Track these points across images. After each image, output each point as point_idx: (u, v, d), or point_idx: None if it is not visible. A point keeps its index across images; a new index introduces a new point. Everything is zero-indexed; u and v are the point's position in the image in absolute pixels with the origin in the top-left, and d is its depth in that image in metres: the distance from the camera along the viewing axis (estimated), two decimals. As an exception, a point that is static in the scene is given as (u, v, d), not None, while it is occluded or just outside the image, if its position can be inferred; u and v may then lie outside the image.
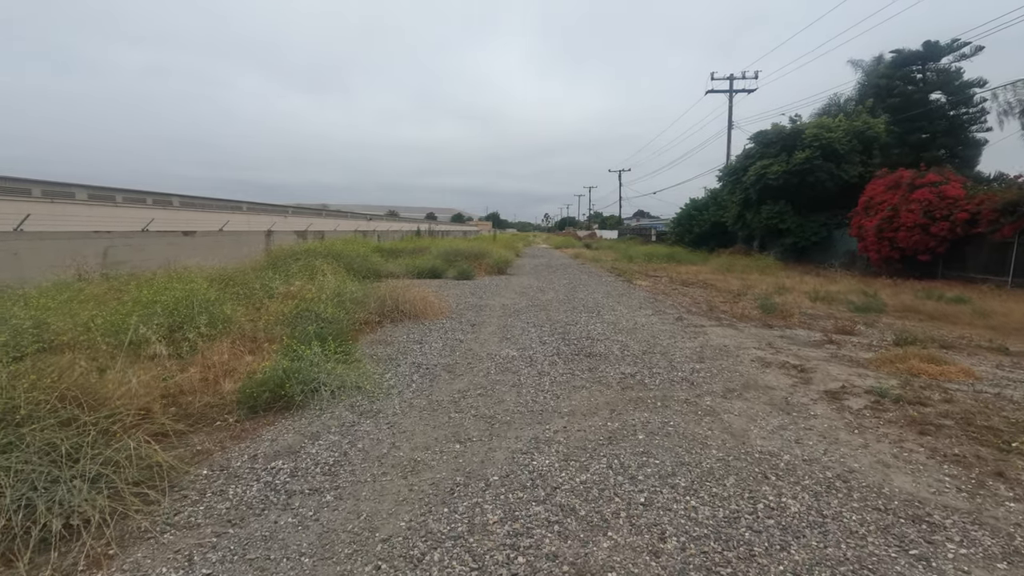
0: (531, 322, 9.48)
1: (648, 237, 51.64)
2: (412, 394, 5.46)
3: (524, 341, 7.91)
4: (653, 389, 5.59)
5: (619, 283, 16.69)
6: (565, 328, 8.94)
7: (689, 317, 10.07)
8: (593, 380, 5.93)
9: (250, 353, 6.93)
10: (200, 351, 6.38)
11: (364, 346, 7.61)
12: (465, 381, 5.91)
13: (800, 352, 7.23)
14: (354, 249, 17.74)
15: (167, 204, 27.21)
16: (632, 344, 7.69)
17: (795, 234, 22.59)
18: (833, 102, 30.44)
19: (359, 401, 5.20)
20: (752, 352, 7.19)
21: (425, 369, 6.39)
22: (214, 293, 7.90)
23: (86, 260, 13.15)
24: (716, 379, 5.94)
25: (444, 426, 4.58)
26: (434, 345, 7.65)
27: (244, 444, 4.22)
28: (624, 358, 6.88)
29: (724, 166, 31.24)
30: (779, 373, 6.17)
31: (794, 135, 22.60)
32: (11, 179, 20.09)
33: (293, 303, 8.25)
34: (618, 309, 11.05)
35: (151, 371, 5.68)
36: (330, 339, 6.33)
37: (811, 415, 4.80)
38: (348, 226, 34.51)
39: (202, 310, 7.12)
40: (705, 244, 30.72)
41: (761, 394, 5.41)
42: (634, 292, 14.24)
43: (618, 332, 8.59)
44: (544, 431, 4.45)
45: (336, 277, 11.48)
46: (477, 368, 6.44)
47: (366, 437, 4.33)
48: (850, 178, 21.21)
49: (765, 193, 23.07)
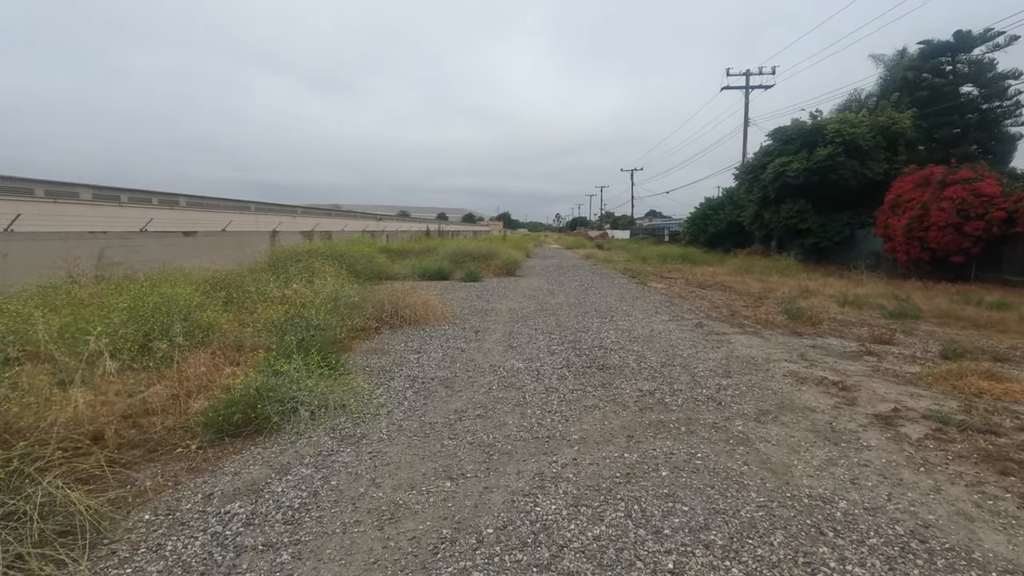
0: (539, 329, 8.84)
1: (661, 237, 50.75)
2: (403, 415, 4.84)
3: (531, 351, 7.28)
4: (675, 410, 4.93)
5: (632, 285, 15.99)
6: (576, 336, 8.28)
7: (709, 323, 9.37)
8: (607, 398, 5.27)
9: (233, 364, 6.39)
10: (176, 363, 5.84)
11: (358, 356, 7.02)
12: (464, 399, 5.28)
13: (837, 365, 6.51)
14: (358, 250, 17.23)
15: (173, 204, 26.93)
16: (649, 355, 7.02)
17: (816, 234, 21.70)
18: (854, 98, 29.43)
19: (342, 423, 4.60)
20: (783, 365, 6.49)
21: (420, 384, 5.78)
22: (198, 298, 7.35)
23: (80, 262, 12.72)
24: (746, 398, 5.26)
25: (435, 456, 3.96)
26: (433, 355, 7.04)
27: (201, 479, 3.63)
28: (641, 372, 6.22)
29: (740, 164, 30.38)
30: (817, 391, 5.47)
31: (815, 131, 21.71)
32: (13, 179, 19.85)
33: (283, 309, 7.69)
34: (633, 314, 10.38)
35: (116, 386, 5.15)
36: (315, 351, 5.75)
37: (863, 446, 4.11)
38: (356, 226, 34.10)
39: (181, 317, 6.57)
40: (721, 244, 29.85)
41: (800, 417, 4.72)
42: (649, 295, 13.54)
43: (633, 341, 7.92)
44: (550, 464, 3.81)
45: (336, 280, 10.95)
46: (478, 383, 5.81)
47: (343, 471, 3.72)
48: (874, 175, 20.29)
49: (784, 191, 22.20)
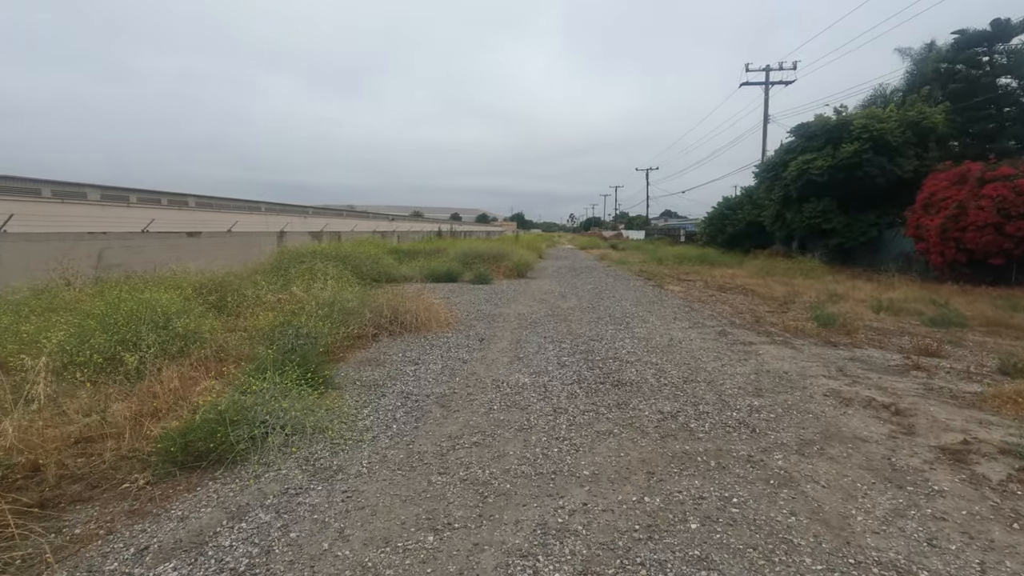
0: (549, 336, 8.20)
1: (677, 238, 49.76)
2: (389, 441, 4.24)
3: (539, 363, 6.64)
4: (703, 438, 4.27)
5: (649, 288, 15.27)
6: (588, 345, 7.63)
7: (734, 331, 8.65)
8: (623, 422, 4.62)
9: (215, 376, 5.86)
10: (148, 376, 5.32)
11: (351, 367, 6.45)
12: (460, 421, 4.67)
13: (883, 382, 5.78)
14: (365, 251, 16.74)
15: (183, 204, 26.73)
16: (669, 368, 6.35)
17: (841, 234, 20.75)
18: (879, 93, 28.36)
19: (319, 451, 4.02)
20: (822, 382, 5.78)
21: (414, 402, 5.18)
22: (179, 303, 6.82)
23: (78, 263, 12.36)
24: (784, 423, 4.57)
25: (419, 498, 3.35)
26: (432, 367, 6.44)
27: (140, 525, 3.06)
28: (661, 389, 5.55)
29: (760, 162, 29.45)
30: (866, 415, 4.76)
31: (840, 127, 20.77)
32: (20, 179, 19.69)
33: (271, 316, 7.16)
34: (650, 320, 9.69)
35: (76, 404, 4.63)
36: (295, 365, 5.18)
37: (934, 490, 3.41)
38: (367, 227, 33.74)
39: (159, 325, 6.05)
40: (739, 245, 28.92)
41: (851, 450, 4.03)
42: (666, 299, 12.82)
43: (651, 351, 7.25)
44: (556, 511, 3.18)
45: (338, 283, 10.44)
46: (478, 401, 5.20)
47: (308, 517, 3.12)
48: (904, 173, 19.31)
49: (807, 190, 21.28)
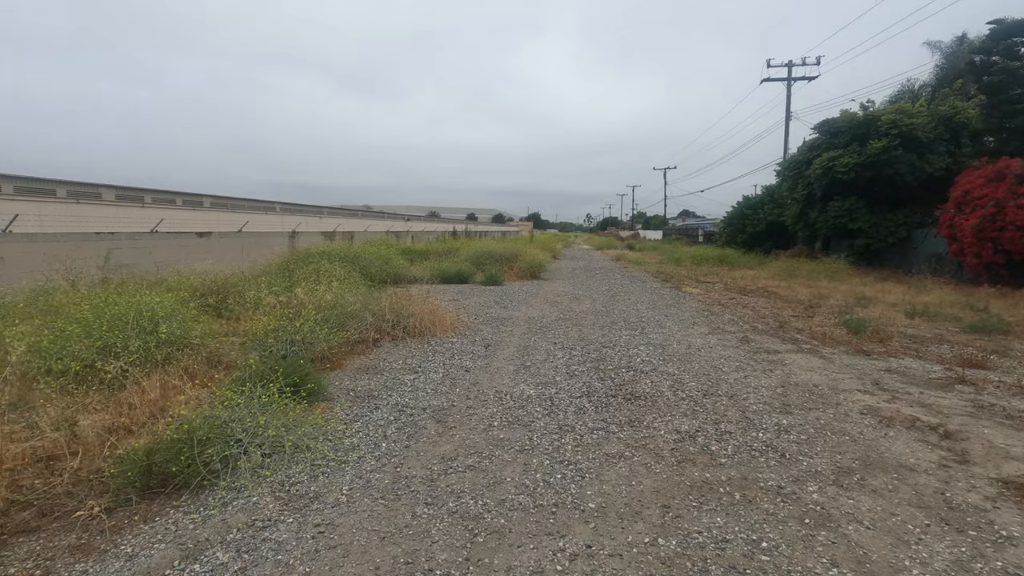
0: (559, 343, 7.75)
1: (695, 238, 48.84)
2: (376, 462, 3.85)
3: (546, 372, 6.20)
4: (725, 463, 3.80)
5: (666, 290, 14.72)
6: (600, 352, 7.17)
7: (757, 338, 8.11)
8: (636, 443, 4.17)
9: (201, 385, 5.53)
10: (130, 385, 5.02)
11: (347, 375, 6.09)
12: (456, 440, 4.26)
13: (926, 398, 5.23)
14: (375, 251, 16.47)
15: (197, 205, 26.81)
16: (688, 379, 5.87)
17: (868, 234, 19.91)
18: (906, 89, 27.38)
19: (297, 474, 3.64)
20: (857, 397, 5.25)
21: (408, 416, 4.78)
22: (171, 306, 6.51)
23: (85, 264, 12.25)
24: (817, 447, 4.07)
25: (400, 535, 2.94)
26: (432, 376, 6.04)
27: (83, 565, 2.69)
28: (678, 404, 5.08)
29: (782, 160, 28.61)
30: (911, 438, 4.24)
31: (867, 123, 19.95)
32: (35, 179, 19.81)
33: (265, 321, 6.82)
34: (667, 325, 9.18)
35: (52, 415, 4.32)
36: (284, 374, 4.82)
37: (1002, 535, 2.90)
38: (381, 227, 33.61)
39: (146, 330, 5.74)
40: (760, 245, 28.09)
41: (897, 481, 3.53)
42: (684, 302, 12.28)
43: (668, 360, 6.77)
44: (555, 555, 2.75)
45: (343, 284, 10.12)
46: (477, 416, 4.78)
47: (271, 558, 2.73)
48: (935, 170, 18.44)
49: (832, 188, 20.48)
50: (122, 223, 15.46)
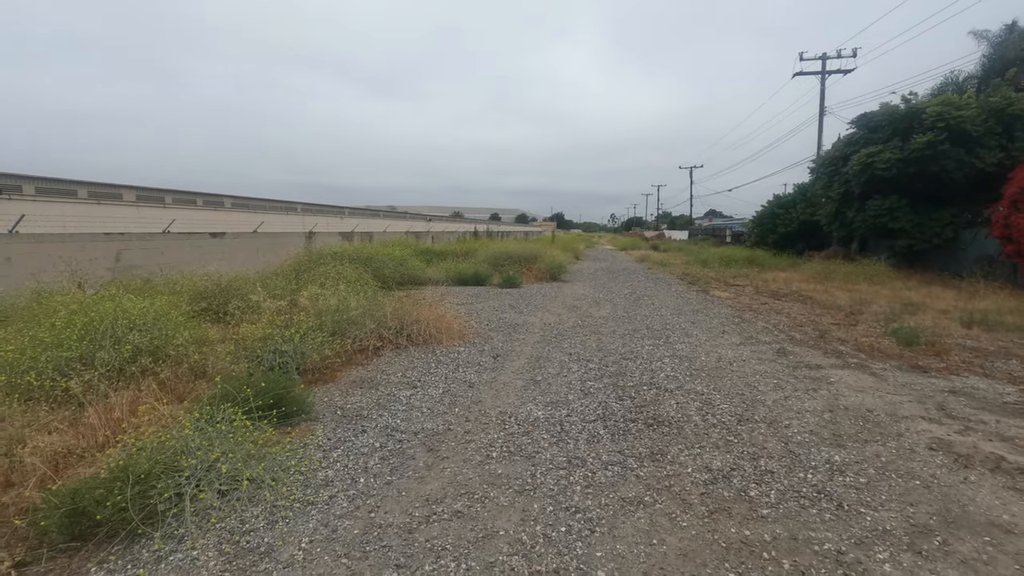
0: (575, 353, 7.10)
1: (722, 238, 47.42)
2: (348, 504, 3.26)
3: (558, 388, 5.56)
4: (767, 515, 3.10)
5: (692, 294, 13.89)
6: (620, 365, 6.49)
7: (795, 349, 7.32)
8: (658, 483, 3.50)
9: (179, 400, 5.06)
10: (98, 400, 4.56)
11: (339, 389, 5.54)
12: (446, 475, 3.65)
13: (1005, 429, 4.42)
14: (389, 252, 16.04)
15: (218, 205, 26.84)
16: (719, 400, 5.15)
17: (910, 235, 18.68)
18: (950, 81, 25.81)
19: (253, 518, 3.08)
20: (921, 427, 4.47)
21: (397, 442, 4.19)
22: (156, 312, 6.06)
23: (94, 265, 12.04)
24: (882, 494, 3.35)
25: (358, 613, 2.35)
26: (431, 392, 5.45)
27: (-39, 647, 2.17)
28: (708, 431, 4.38)
29: (816, 157, 27.36)
30: (998, 484, 3.47)
31: (910, 116, 18.73)
32: (56, 180, 19.93)
33: (255, 328, 6.34)
34: (694, 333, 8.44)
35: None
36: (264, 391, 4.30)
37: None
38: (401, 227, 33.33)
39: (118, 339, 5.28)
40: (792, 246, 26.87)
41: (992, 548, 2.79)
42: (712, 307, 11.47)
43: (696, 375, 6.05)
44: (550, 652, 2.12)
45: (350, 287, 9.64)
46: (475, 443, 4.16)
47: (189, 647, 2.17)
48: (985, 166, 17.17)
49: (871, 186, 19.31)
50: (142, 223, 15.31)
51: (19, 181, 18.68)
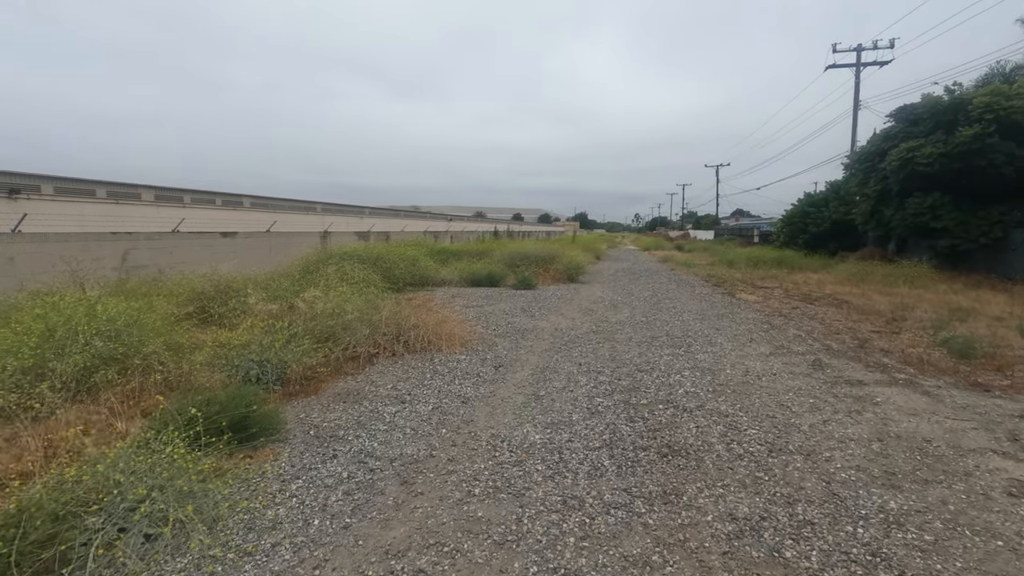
0: (585, 364, 6.46)
1: (749, 238, 45.98)
2: (291, 556, 2.70)
3: (562, 406, 4.94)
4: (809, 587, 2.45)
5: (717, 296, 13.08)
6: (634, 378, 5.83)
7: (833, 362, 6.55)
8: (670, 536, 2.86)
9: (144, 415, 4.61)
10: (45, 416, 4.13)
11: (320, 404, 5.01)
12: (416, 518, 3.07)
13: (1099, 468, 3.65)
14: (401, 252, 15.60)
15: (237, 204, 26.84)
16: (746, 424, 4.47)
17: (954, 234, 17.47)
18: (996, 71, 24.29)
19: (173, 573, 2.54)
20: (994, 462, 3.72)
21: (368, 472, 3.63)
22: (131, 315, 5.63)
23: (100, 265, 11.84)
24: (955, 559, 2.64)
25: None
26: (419, 408, 4.89)
27: None
28: (733, 465, 3.71)
29: (850, 152, 26.12)
30: (1106, 549, 2.75)
31: (954, 107, 17.54)
32: (75, 180, 20.04)
33: (232, 335, 5.87)
34: (718, 342, 7.71)
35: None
36: (220, 411, 3.79)
37: None
38: (419, 227, 33.00)
39: (86, 345, 4.85)
40: (824, 246, 25.63)
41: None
42: (739, 311, 10.68)
43: (719, 391, 5.36)
44: None
45: (352, 288, 9.18)
46: (457, 475, 3.58)
47: None
48: (1039, 160, 15.95)
49: (911, 182, 18.14)
50: (161, 223, 15.17)
51: (38, 181, 18.81)
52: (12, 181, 17.93)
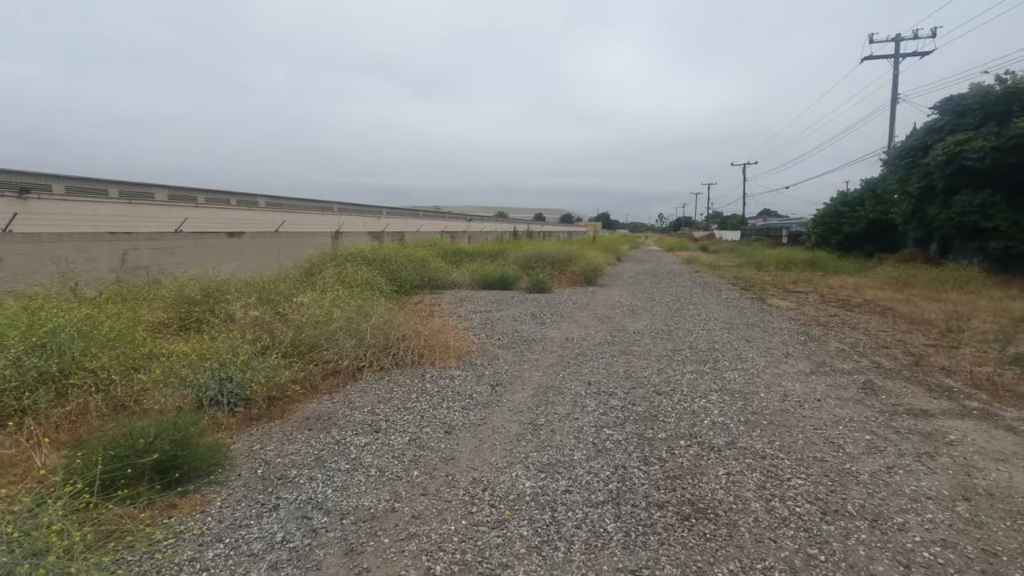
0: (595, 383, 5.64)
1: (778, 239, 44.31)
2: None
3: (563, 438, 4.13)
4: None
5: (746, 302, 12.07)
6: (651, 403, 4.99)
7: (887, 384, 5.60)
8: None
9: (76, 444, 3.95)
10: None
11: (281, 432, 4.30)
12: (352, 611, 2.31)
13: None
14: (410, 253, 14.96)
15: (252, 204, 26.60)
16: (788, 470, 3.60)
17: (1007, 235, 16.11)
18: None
19: None
20: None
21: (311, 532, 2.89)
22: (85, 322, 5.01)
23: (97, 266, 11.43)
24: None
25: None
26: (393, 440, 4.13)
27: None
28: (776, 535, 2.86)
29: (888, 148, 24.68)
30: None
31: (1008, 98, 16.19)
32: (86, 179, 19.90)
33: (186, 349, 5.21)
34: (749, 356, 6.80)
35: None
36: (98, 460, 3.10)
37: None
38: (436, 227, 32.45)
39: (7, 364, 4.23)
40: (859, 247, 24.21)
41: None
42: (771, 319, 9.70)
43: (753, 423, 4.49)
44: None
45: (351, 292, 8.53)
46: (418, 540, 2.80)
47: None
48: (1106, 154, 14.55)
49: (958, 179, 16.81)
50: (173, 223, 14.82)
51: (49, 180, 18.69)
52: (23, 180, 17.83)
